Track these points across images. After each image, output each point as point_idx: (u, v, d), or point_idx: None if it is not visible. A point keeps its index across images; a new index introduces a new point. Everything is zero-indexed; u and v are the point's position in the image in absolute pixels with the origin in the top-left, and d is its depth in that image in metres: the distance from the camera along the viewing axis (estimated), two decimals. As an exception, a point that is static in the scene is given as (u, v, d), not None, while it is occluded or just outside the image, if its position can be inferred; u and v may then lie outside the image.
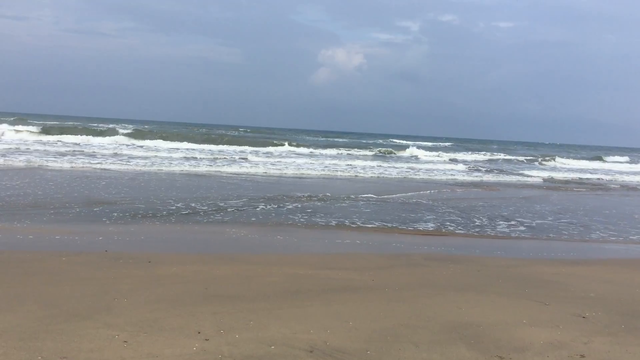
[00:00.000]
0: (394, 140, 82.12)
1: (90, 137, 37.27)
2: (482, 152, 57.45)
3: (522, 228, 13.49)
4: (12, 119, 62.67)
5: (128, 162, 24.97)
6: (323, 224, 12.45)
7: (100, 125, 65.69)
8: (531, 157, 53.36)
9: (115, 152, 29.99)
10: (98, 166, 22.52)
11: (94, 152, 29.34)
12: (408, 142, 72.11)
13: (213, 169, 24.78)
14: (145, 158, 27.60)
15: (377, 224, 12.79)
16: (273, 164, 28.41)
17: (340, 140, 70.74)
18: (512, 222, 14.22)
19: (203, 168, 24.67)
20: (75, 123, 63.86)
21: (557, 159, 53.29)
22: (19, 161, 22.25)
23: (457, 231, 12.58)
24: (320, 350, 4.70)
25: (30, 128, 40.86)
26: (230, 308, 5.74)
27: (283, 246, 9.81)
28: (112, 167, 22.69)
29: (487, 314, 6.00)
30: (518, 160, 50.39)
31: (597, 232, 13.71)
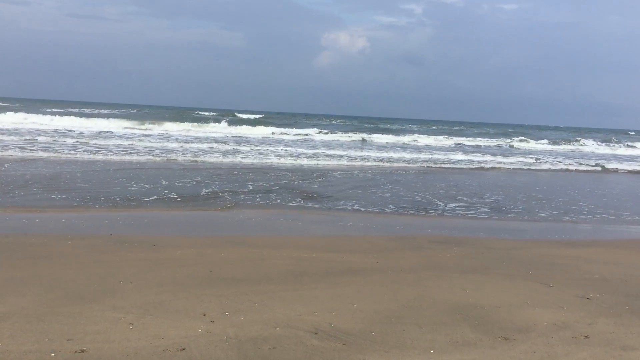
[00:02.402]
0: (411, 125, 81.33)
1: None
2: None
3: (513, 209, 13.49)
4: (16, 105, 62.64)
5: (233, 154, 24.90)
6: (322, 206, 12.47)
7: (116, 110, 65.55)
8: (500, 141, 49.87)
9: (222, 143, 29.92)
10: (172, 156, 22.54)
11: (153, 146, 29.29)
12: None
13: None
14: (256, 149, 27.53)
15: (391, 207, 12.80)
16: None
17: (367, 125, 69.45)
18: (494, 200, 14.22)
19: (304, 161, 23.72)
20: (113, 111, 63.61)
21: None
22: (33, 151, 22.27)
23: (454, 213, 12.59)
24: (324, 331, 4.73)
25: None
26: (235, 291, 5.76)
27: (287, 229, 9.83)
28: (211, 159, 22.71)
29: (491, 296, 6.02)
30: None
31: (597, 214, 13.69)
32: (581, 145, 49.62)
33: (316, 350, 4.34)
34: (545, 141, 51.20)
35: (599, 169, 28.21)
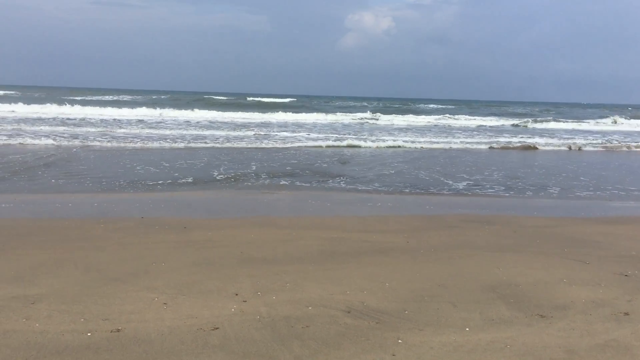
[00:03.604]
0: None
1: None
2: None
3: (553, 190, 13.23)
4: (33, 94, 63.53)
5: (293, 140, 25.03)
6: (354, 188, 12.41)
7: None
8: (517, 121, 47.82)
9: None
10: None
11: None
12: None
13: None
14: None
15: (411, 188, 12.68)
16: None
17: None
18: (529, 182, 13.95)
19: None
20: (158, 96, 64.23)
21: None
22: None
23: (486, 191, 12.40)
24: (357, 310, 4.69)
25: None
26: (266, 271, 5.76)
27: (316, 210, 9.80)
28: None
29: (526, 274, 5.91)
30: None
31: (633, 191, 13.35)
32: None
33: (349, 328, 4.31)
34: (590, 121, 48.60)
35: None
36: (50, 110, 35.95)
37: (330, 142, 23.11)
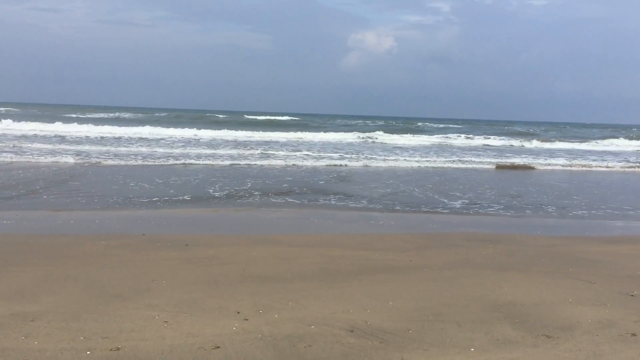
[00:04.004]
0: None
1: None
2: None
3: (551, 208, 13.18)
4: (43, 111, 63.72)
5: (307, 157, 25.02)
6: (355, 205, 12.37)
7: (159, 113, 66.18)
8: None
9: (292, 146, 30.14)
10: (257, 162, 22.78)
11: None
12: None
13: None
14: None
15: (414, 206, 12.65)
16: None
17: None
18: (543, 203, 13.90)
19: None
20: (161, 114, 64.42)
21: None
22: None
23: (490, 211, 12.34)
24: (360, 329, 4.63)
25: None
26: (268, 289, 5.70)
27: (318, 228, 9.75)
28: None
29: (531, 293, 5.84)
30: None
31: (633, 210, 13.30)
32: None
33: (353, 348, 4.24)
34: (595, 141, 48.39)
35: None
36: (54, 128, 35.97)
37: (331, 161, 23.09)
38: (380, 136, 42.98)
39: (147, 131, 36.74)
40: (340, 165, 21.96)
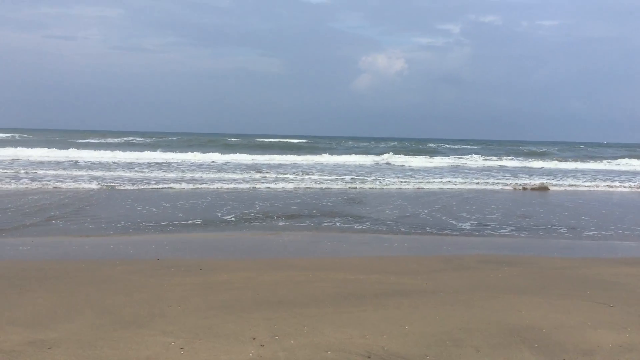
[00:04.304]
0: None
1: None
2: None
3: (562, 229, 13.05)
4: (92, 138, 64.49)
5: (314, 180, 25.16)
6: (368, 227, 12.33)
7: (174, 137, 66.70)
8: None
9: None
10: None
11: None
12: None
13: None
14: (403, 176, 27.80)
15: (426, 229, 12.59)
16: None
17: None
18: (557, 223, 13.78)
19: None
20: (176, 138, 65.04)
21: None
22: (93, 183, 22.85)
23: (504, 232, 12.25)
24: (377, 355, 4.59)
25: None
26: (283, 313, 5.68)
27: (331, 251, 9.72)
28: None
29: (549, 317, 5.77)
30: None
31: (658, 230, 13.13)
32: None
33: (370, 374, 4.20)
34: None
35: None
36: (67, 153, 36.41)
37: (344, 184, 23.10)
38: (393, 158, 43.04)
39: (158, 156, 37.05)
40: (353, 187, 21.96)
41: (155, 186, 20.12)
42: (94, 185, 19.66)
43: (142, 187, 19.85)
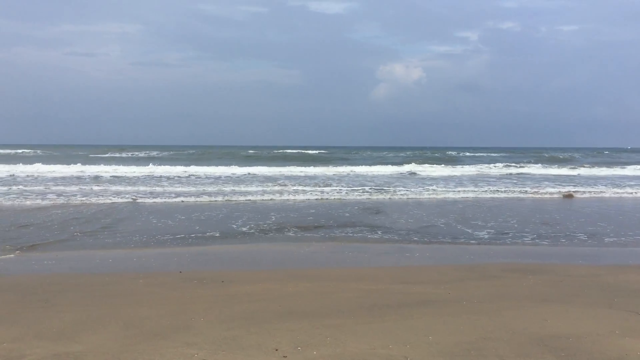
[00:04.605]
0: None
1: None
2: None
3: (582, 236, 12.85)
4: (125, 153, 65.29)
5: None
6: (389, 237, 12.27)
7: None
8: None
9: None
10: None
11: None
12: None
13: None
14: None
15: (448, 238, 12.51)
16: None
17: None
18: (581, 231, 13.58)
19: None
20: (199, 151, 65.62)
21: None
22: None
23: (529, 241, 12.10)
24: (401, 365, 4.55)
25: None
26: (306, 324, 5.67)
27: (353, 261, 9.70)
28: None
29: (576, 326, 5.67)
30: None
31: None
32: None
33: (394, 385, 4.17)
34: None
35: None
36: (84, 168, 36.67)
37: (364, 194, 23.07)
38: (414, 167, 42.79)
39: (178, 169, 37.16)
40: (375, 198, 21.89)
41: (175, 199, 20.28)
42: (117, 200, 19.87)
43: (162, 200, 20.01)
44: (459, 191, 24.43)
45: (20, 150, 67.72)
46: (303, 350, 4.92)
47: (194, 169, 37.29)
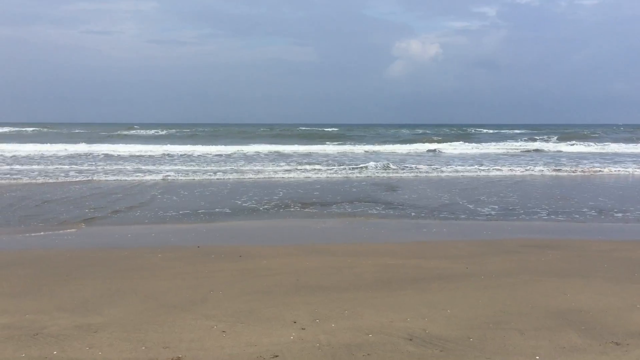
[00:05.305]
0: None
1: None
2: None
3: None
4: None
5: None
6: (406, 213, 12.22)
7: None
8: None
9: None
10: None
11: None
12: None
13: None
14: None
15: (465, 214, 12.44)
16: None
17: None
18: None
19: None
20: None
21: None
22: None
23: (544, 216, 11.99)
24: (419, 338, 4.54)
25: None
26: (324, 298, 5.68)
27: (369, 237, 9.68)
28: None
29: (596, 300, 5.62)
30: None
31: None
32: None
33: (413, 356, 4.17)
34: None
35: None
36: (98, 148, 36.31)
37: (379, 171, 22.98)
38: (435, 145, 42.22)
39: (192, 148, 36.86)
40: (390, 176, 21.80)
41: (193, 177, 20.37)
42: (147, 177, 19.98)
43: (180, 178, 20.12)
44: (481, 169, 24.11)
45: (30, 129, 67.80)
46: (321, 322, 4.94)
47: (212, 148, 37.05)
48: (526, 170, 23.60)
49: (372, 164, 25.28)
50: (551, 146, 43.16)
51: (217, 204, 13.58)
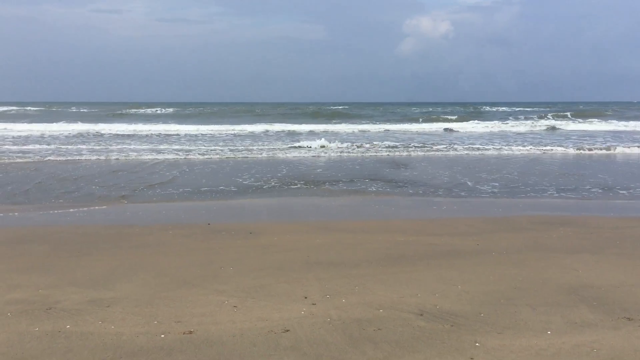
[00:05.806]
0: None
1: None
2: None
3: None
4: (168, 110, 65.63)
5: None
6: (416, 191, 12.18)
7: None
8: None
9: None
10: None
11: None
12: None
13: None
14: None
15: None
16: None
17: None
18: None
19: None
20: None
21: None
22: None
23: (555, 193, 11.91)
24: (430, 313, 4.54)
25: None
26: (334, 274, 5.69)
27: (380, 214, 9.67)
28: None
29: (608, 276, 5.59)
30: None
31: None
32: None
33: (424, 331, 4.17)
34: None
35: None
36: (109, 127, 36.03)
37: (391, 150, 22.87)
38: (448, 124, 41.64)
39: (207, 128, 36.58)
40: (402, 154, 21.67)
41: (197, 157, 20.40)
42: (163, 157, 20.04)
43: (187, 157, 20.15)
44: (496, 148, 23.73)
45: (37, 108, 67.69)
46: (332, 298, 4.95)
47: (223, 127, 36.80)
48: (545, 150, 23.18)
49: (386, 142, 25.10)
50: (565, 124, 42.64)
51: (231, 182, 13.60)
